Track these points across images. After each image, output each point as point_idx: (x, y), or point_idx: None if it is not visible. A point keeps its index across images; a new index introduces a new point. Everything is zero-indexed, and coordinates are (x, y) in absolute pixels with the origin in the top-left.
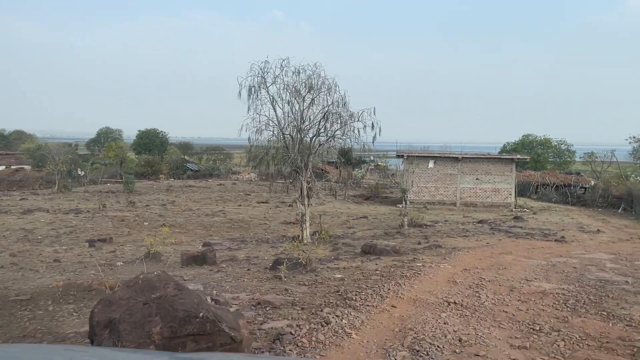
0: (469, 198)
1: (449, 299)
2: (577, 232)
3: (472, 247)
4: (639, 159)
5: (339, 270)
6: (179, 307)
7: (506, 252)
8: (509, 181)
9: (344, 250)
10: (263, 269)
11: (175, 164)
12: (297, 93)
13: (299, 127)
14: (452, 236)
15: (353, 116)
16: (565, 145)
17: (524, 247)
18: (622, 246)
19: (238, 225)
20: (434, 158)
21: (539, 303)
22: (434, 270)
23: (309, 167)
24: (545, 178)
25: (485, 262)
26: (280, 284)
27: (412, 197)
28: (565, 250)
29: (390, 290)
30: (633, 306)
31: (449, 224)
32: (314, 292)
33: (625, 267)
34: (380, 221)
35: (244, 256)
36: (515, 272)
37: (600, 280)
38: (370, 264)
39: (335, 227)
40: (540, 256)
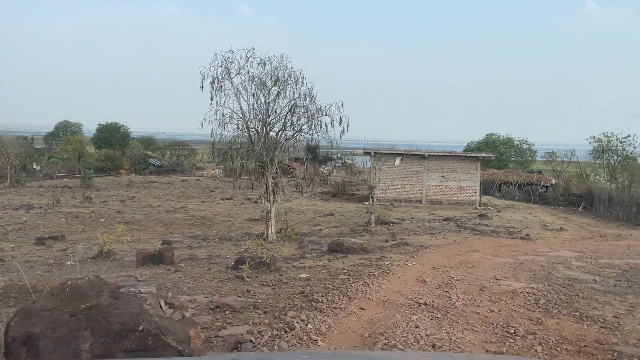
0: (435, 196)
1: (419, 300)
2: (541, 230)
3: (439, 245)
4: (599, 159)
5: (305, 269)
6: (114, 319)
7: (473, 250)
8: (474, 179)
9: (310, 249)
10: (225, 268)
11: (137, 159)
12: (263, 85)
13: (264, 120)
14: (419, 234)
15: (320, 110)
16: (527, 145)
17: (491, 245)
18: (585, 244)
19: (200, 223)
20: (401, 155)
21: (511, 303)
22: (402, 269)
23: (274, 163)
24: (508, 177)
25: (454, 260)
26: (242, 285)
27: (379, 194)
28: (531, 248)
29: (358, 290)
30: (605, 306)
31: (416, 221)
32: (278, 293)
33: (591, 265)
34: (347, 218)
35: (205, 255)
36: (484, 271)
37: (569, 279)
38: (337, 262)
39: (302, 224)
40: (507, 254)
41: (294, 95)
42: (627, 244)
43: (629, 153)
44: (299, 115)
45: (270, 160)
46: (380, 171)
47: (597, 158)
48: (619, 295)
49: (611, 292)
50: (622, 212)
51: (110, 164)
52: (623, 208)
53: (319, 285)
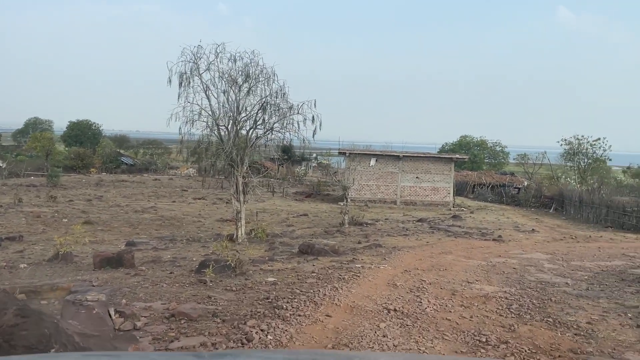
0: (409, 196)
1: (389, 306)
2: (513, 232)
3: (412, 247)
4: (569, 161)
5: (273, 272)
6: (19, 342)
7: (446, 252)
8: (448, 180)
9: (281, 250)
10: (188, 272)
11: (108, 158)
12: (233, 82)
13: (234, 118)
14: (392, 235)
15: (293, 108)
16: (500, 147)
17: (464, 246)
18: (557, 246)
19: (169, 223)
20: (376, 156)
21: (483, 308)
22: (373, 272)
23: (245, 162)
24: (481, 178)
25: (426, 262)
26: (204, 290)
27: (354, 195)
28: (503, 250)
29: (326, 295)
30: (578, 311)
31: (390, 222)
32: (241, 299)
33: (563, 268)
34: (320, 219)
35: (169, 257)
36: (456, 274)
37: (541, 282)
38: (307, 265)
39: (274, 225)
40: (479, 256)
41: (265, 93)
42: (597, 246)
43: (598, 156)
44: (270, 113)
45: (240, 160)
46: (355, 172)
47: (568, 160)
48: (591, 299)
49: (584, 296)
50: (592, 213)
51: (80, 162)
52: (593, 210)
53: (286, 290)
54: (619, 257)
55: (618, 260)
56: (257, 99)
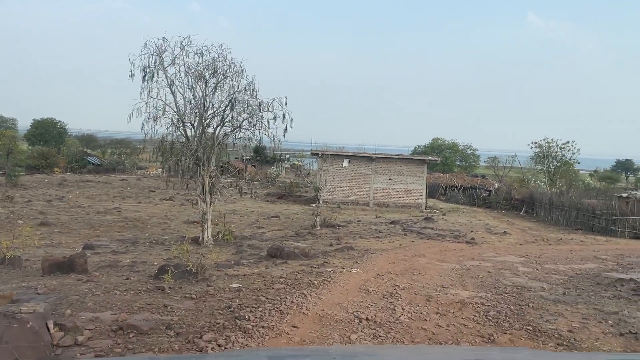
0: (382, 198)
1: (361, 314)
2: (486, 234)
3: (385, 250)
4: (539, 164)
5: (238, 278)
6: None
7: (419, 255)
8: (421, 182)
9: (249, 254)
10: (146, 277)
11: (74, 157)
12: (200, 76)
13: (201, 115)
14: (364, 237)
15: (262, 105)
16: (471, 150)
17: (437, 249)
18: (530, 248)
19: (133, 225)
20: (349, 157)
21: (459, 316)
22: (345, 277)
23: (212, 161)
24: (453, 180)
25: (399, 266)
26: (161, 298)
27: (326, 196)
28: (476, 252)
29: (293, 303)
30: (557, 318)
31: (362, 224)
32: (201, 308)
33: (537, 271)
34: (292, 221)
35: (128, 261)
36: (431, 278)
37: (517, 287)
38: (276, 269)
39: (244, 227)
40: (453, 259)
41: (233, 89)
42: (569, 249)
43: (567, 159)
44: (239, 110)
45: (207, 159)
46: (328, 173)
47: (538, 163)
48: (569, 305)
49: (561, 302)
50: (562, 216)
51: (44, 162)
52: (563, 212)
53: (250, 298)
54: (591, 260)
55: (591, 263)
56: (225, 95)
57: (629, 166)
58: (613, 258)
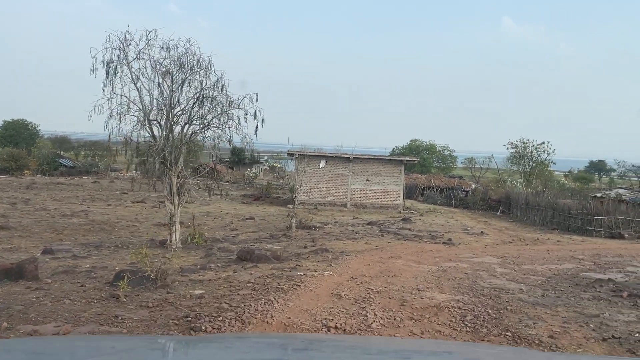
0: (360, 199)
1: (330, 322)
2: (463, 234)
3: (360, 251)
4: (515, 164)
5: (203, 283)
6: None
7: (395, 257)
8: (398, 183)
9: (218, 257)
10: (103, 284)
11: (45, 159)
12: (167, 72)
13: (168, 112)
14: (341, 239)
15: (232, 102)
16: (448, 151)
17: (413, 250)
18: (507, 249)
19: (100, 228)
20: (326, 158)
21: (435, 321)
22: (317, 280)
23: (179, 161)
24: (430, 181)
25: (374, 268)
26: (114, 307)
27: (303, 197)
28: (454, 253)
29: (257, 311)
30: (537, 323)
31: (339, 225)
32: (155, 318)
33: (515, 272)
34: (267, 222)
35: (88, 267)
36: (406, 280)
37: (495, 289)
38: (244, 273)
39: (217, 229)
40: (430, 261)
41: (202, 85)
42: (546, 249)
43: (543, 159)
44: (209, 108)
45: (174, 158)
46: (305, 174)
47: (514, 164)
48: (549, 307)
49: (541, 304)
50: (538, 216)
51: (13, 164)
52: (539, 212)
53: (212, 306)
54: (569, 260)
55: (568, 263)
56: (193, 91)
57: (602, 167)
58: (590, 258)
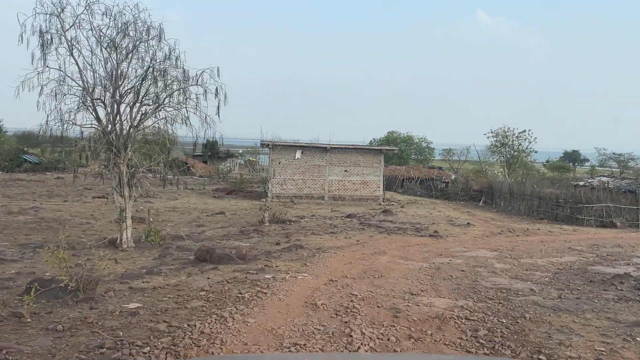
0: (338, 191)
1: (302, 347)
2: (449, 226)
3: (340, 247)
4: (496, 153)
5: (144, 293)
6: None
7: (380, 252)
8: (378, 173)
9: (174, 258)
10: (14, 297)
11: (7, 156)
12: (111, 43)
13: (114, 90)
14: (318, 233)
15: (189, 78)
16: (426, 143)
17: (399, 244)
18: (498, 241)
19: (47, 226)
20: (302, 148)
21: (440, 340)
22: (288, 285)
23: (129, 147)
24: (410, 172)
25: (357, 267)
26: (10, 332)
27: (278, 190)
28: (443, 247)
29: (203, 334)
30: (570, 338)
31: (316, 219)
32: (59, 348)
33: (515, 268)
34: (239, 217)
35: (13, 272)
36: (396, 282)
37: (501, 289)
38: (200, 278)
39: (182, 225)
40: (418, 256)
41: (151, 57)
42: (539, 240)
43: (524, 148)
44: (163, 84)
45: (123, 144)
46: (280, 165)
47: (495, 153)
48: (574, 314)
49: (563, 310)
50: (523, 205)
51: None
52: (524, 202)
53: (145, 327)
54: (567, 251)
55: (568, 256)
56: (143, 65)
57: (576, 157)
58: (588, 249)
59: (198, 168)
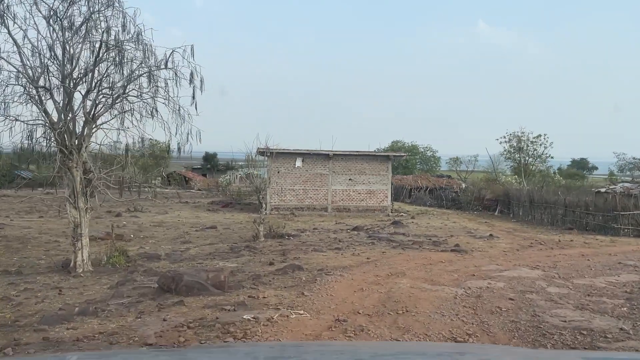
0: (342, 202)
1: None
2: (469, 239)
3: (347, 267)
4: (509, 159)
5: (59, 346)
6: None
7: (398, 273)
8: (385, 182)
9: (133, 287)
10: None
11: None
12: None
13: (63, 76)
14: (320, 250)
15: (155, 58)
16: (431, 152)
17: (418, 262)
18: (532, 255)
19: (6, 246)
20: (302, 155)
21: None
22: (274, 331)
23: (83, 147)
24: (417, 181)
25: (371, 296)
26: None
27: (277, 201)
28: (472, 265)
29: None
30: None
31: (319, 232)
32: None
33: (573, 292)
34: (232, 232)
35: None
36: (429, 321)
37: (579, 331)
38: (153, 319)
39: (166, 242)
40: (446, 277)
41: (105, 31)
42: (579, 253)
43: (539, 153)
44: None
45: (76, 144)
46: (279, 174)
47: (508, 159)
48: None
49: None
50: (545, 214)
51: None
52: (547, 210)
53: None
54: (620, 268)
55: (625, 273)
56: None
57: (584, 165)
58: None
59: (196, 181)
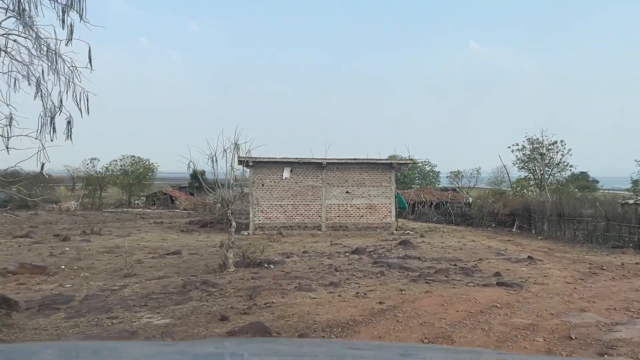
0: (338, 218)
1: None
2: (505, 263)
3: (348, 325)
4: (522, 169)
5: None
6: None
7: (437, 336)
8: (388, 194)
9: None
10: None
11: None
12: None
13: None
14: (308, 286)
15: None
16: (430, 166)
17: (461, 308)
18: (611, 287)
19: None
20: (291, 165)
21: None
22: None
23: None
24: (420, 195)
25: None
26: None
27: (262, 219)
28: (544, 310)
29: None
30: None
31: (309, 257)
32: None
33: None
34: (199, 258)
35: None
36: None
37: None
38: None
39: (102, 275)
40: (525, 344)
41: None
42: None
43: (557, 161)
44: None
45: None
46: (264, 188)
47: (523, 168)
48: None
49: None
50: (580, 230)
51: None
52: (581, 225)
53: None
54: None
55: None
56: None
57: (585, 178)
58: None
59: (182, 200)
